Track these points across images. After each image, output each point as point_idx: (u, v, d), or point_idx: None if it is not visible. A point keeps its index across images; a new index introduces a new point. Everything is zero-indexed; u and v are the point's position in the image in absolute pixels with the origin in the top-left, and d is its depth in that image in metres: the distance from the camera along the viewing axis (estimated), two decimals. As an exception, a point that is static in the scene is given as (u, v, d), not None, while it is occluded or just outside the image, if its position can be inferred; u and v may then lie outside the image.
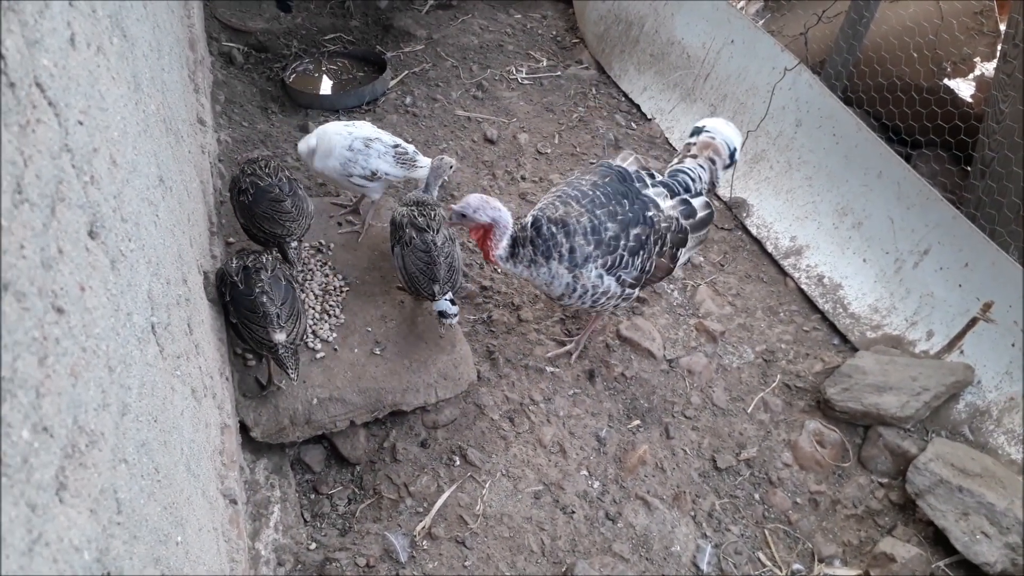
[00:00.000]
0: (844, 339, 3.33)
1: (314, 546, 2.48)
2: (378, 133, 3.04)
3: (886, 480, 2.86)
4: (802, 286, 3.55)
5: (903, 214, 3.32)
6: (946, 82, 4.35)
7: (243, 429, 2.48)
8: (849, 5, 4.10)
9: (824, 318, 3.43)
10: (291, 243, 2.71)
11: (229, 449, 2.16)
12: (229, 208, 2.91)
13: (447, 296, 2.67)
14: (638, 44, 4.66)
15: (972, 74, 4.40)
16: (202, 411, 1.88)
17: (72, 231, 1.03)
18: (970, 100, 4.35)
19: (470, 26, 5.08)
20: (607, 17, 4.87)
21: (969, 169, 3.90)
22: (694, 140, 2.97)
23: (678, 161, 2.95)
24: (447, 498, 2.63)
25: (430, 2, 5.16)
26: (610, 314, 3.25)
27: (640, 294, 3.09)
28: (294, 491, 2.60)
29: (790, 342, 3.34)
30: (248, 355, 2.63)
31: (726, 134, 2.95)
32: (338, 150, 2.94)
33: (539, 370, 3.07)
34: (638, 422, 2.97)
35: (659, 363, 3.17)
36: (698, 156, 2.92)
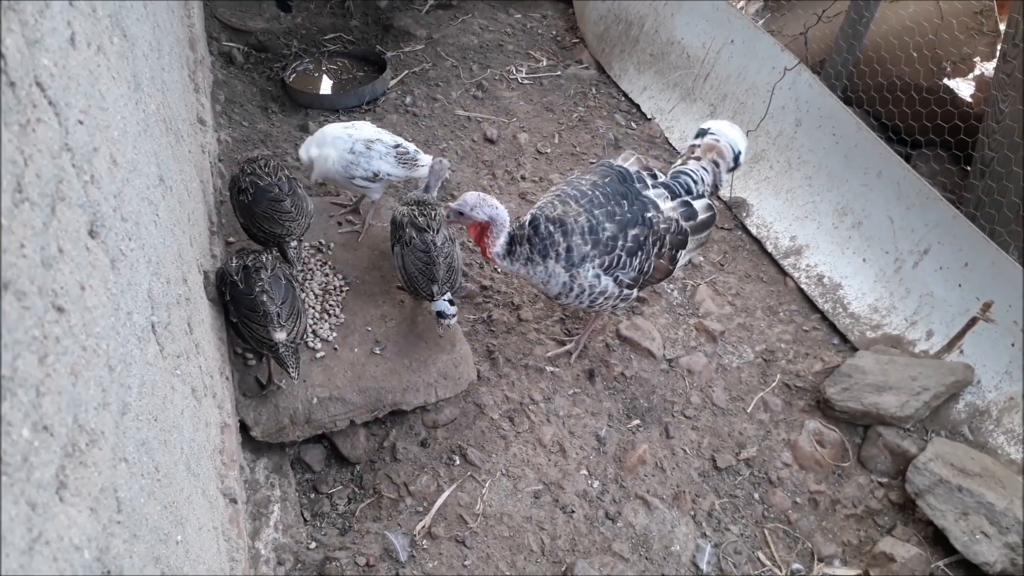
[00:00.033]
0: (844, 339, 3.34)
1: (314, 545, 2.48)
2: (378, 134, 3.03)
3: (886, 480, 2.86)
4: (802, 286, 3.55)
5: (903, 214, 3.33)
6: (946, 82, 4.35)
7: (243, 428, 2.48)
8: (849, 5, 4.10)
9: (824, 318, 3.43)
10: (291, 242, 2.71)
11: (229, 448, 2.16)
12: (229, 207, 2.91)
13: (446, 296, 2.67)
14: (638, 44, 4.66)
15: (972, 74, 4.40)
16: (202, 410, 1.88)
17: (72, 230, 1.03)
18: (970, 100, 4.35)
19: (470, 26, 5.08)
20: (607, 17, 4.87)
21: (969, 169, 3.91)
22: (698, 142, 2.96)
23: (681, 162, 2.93)
24: (447, 497, 2.63)
25: (430, 2, 5.16)
26: (610, 314, 3.25)
27: (640, 294, 3.09)
28: (294, 490, 2.60)
29: (790, 342, 3.34)
30: (248, 354, 2.63)
31: (731, 137, 2.94)
32: (339, 153, 2.93)
33: (539, 370, 3.07)
34: (638, 422, 2.97)
35: (659, 363, 3.17)
36: (702, 158, 2.90)
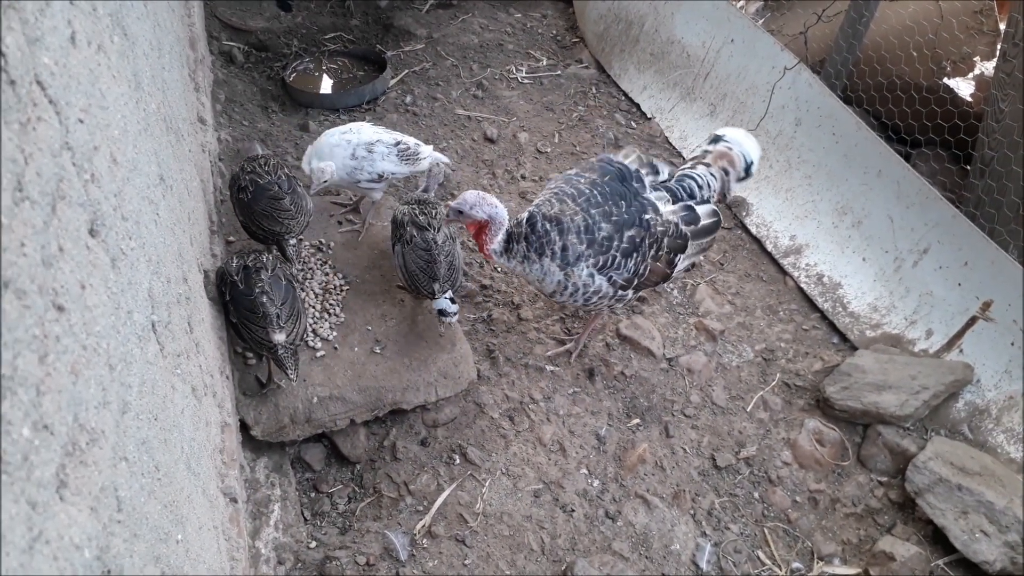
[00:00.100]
0: (843, 338, 3.34)
1: (314, 544, 2.48)
2: (378, 134, 3.01)
3: (885, 479, 2.86)
4: (801, 285, 3.55)
5: (903, 213, 3.33)
6: (946, 81, 4.34)
7: (243, 427, 2.48)
8: (849, 4, 4.10)
9: (823, 317, 3.43)
10: (290, 241, 2.71)
11: (229, 447, 2.16)
12: (229, 207, 2.91)
13: (447, 294, 2.68)
14: (638, 43, 4.66)
15: (972, 73, 4.40)
16: (202, 409, 1.88)
17: (73, 229, 1.03)
18: (970, 99, 4.35)
19: (470, 25, 5.08)
20: (607, 16, 4.87)
21: (968, 168, 3.90)
22: (711, 148, 2.92)
23: (690, 166, 2.90)
24: (447, 496, 2.63)
25: (430, 1, 5.16)
26: (609, 313, 3.25)
27: (640, 294, 3.09)
28: (294, 489, 2.60)
29: (789, 341, 3.34)
30: (248, 354, 2.63)
31: (745, 147, 2.91)
32: (341, 161, 2.91)
33: (539, 369, 3.07)
34: (638, 421, 2.97)
35: (659, 362, 3.17)
36: (712, 165, 2.87)
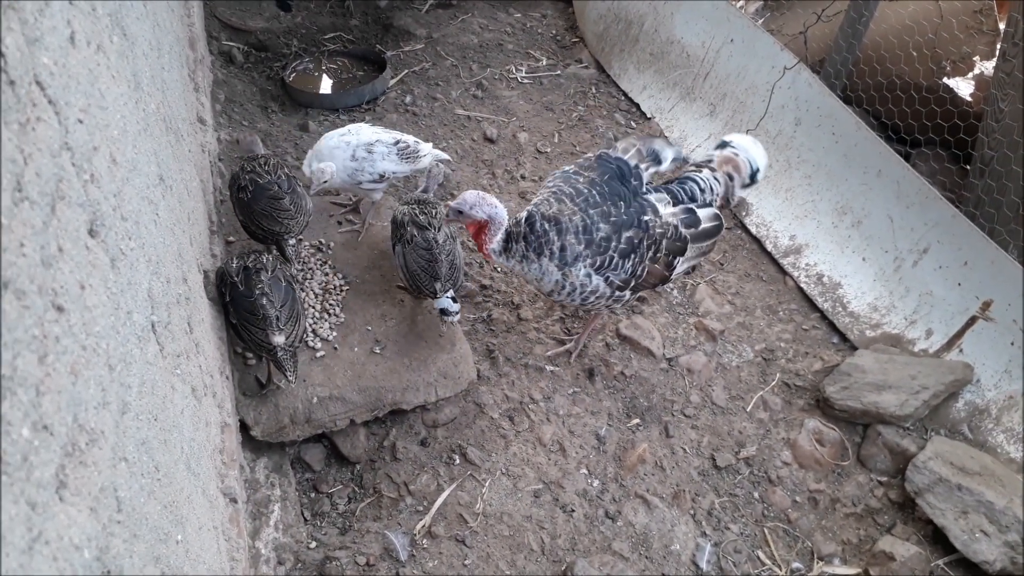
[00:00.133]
0: (843, 338, 3.34)
1: (314, 545, 2.48)
2: (377, 134, 3.01)
3: (885, 479, 2.86)
4: (801, 285, 3.55)
5: (902, 213, 3.33)
6: (945, 81, 4.34)
7: (243, 428, 2.48)
8: (849, 4, 4.10)
9: (823, 317, 3.43)
10: (289, 240, 2.71)
11: (229, 448, 2.16)
12: (229, 207, 2.91)
13: (449, 294, 2.68)
14: (638, 43, 4.66)
15: (971, 73, 4.40)
16: (202, 410, 1.88)
17: (72, 229, 1.03)
18: (969, 99, 4.35)
19: (470, 25, 5.08)
20: (607, 16, 4.87)
21: (968, 168, 3.90)
22: (716, 153, 2.92)
23: (695, 169, 2.90)
24: (447, 497, 2.63)
25: (430, 1, 5.16)
26: (609, 313, 3.25)
27: (640, 294, 3.09)
28: (294, 490, 2.60)
29: (789, 341, 3.34)
30: (248, 354, 2.63)
31: (752, 153, 2.89)
32: (342, 163, 2.90)
33: (539, 369, 3.07)
34: (637, 421, 2.97)
35: (659, 362, 3.17)
36: (717, 169, 2.87)
